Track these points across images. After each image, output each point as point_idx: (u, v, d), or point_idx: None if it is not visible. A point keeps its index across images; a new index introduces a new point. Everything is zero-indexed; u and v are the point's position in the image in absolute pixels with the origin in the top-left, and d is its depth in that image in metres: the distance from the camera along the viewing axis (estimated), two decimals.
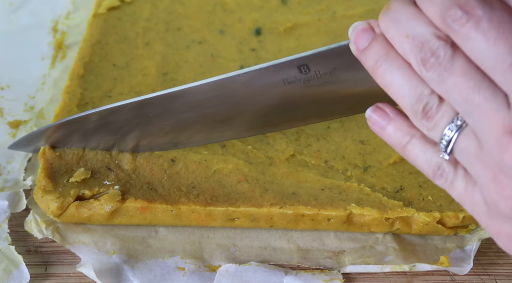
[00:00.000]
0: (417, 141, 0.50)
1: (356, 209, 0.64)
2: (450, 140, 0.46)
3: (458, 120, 0.46)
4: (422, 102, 0.47)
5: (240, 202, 0.65)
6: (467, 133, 0.46)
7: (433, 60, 0.45)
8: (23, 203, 0.68)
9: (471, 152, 0.45)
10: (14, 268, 0.63)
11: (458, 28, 0.43)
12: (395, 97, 0.48)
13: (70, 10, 0.91)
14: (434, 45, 0.45)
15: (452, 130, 0.46)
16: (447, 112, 0.46)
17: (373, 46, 0.49)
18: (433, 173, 0.49)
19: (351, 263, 0.64)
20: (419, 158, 0.49)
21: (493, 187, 0.44)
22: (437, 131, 0.47)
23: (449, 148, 0.47)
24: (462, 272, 0.63)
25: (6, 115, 0.77)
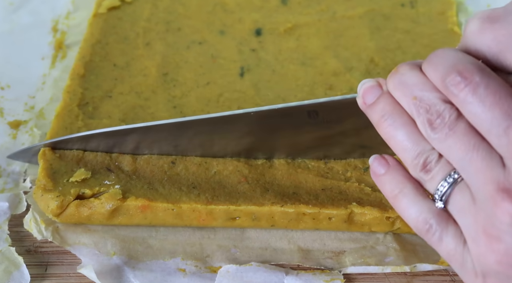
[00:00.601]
0: (408, 192, 0.51)
1: (357, 208, 0.64)
2: (445, 192, 0.49)
3: (454, 174, 0.48)
4: (423, 156, 0.49)
5: (241, 201, 0.65)
6: (461, 187, 0.48)
7: (439, 121, 0.48)
8: (23, 205, 0.68)
9: (464, 205, 0.48)
10: (14, 269, 0.63)
11: (457, 93, 0.46)
12: (397, 149, 0.51)
13: (70, 10, 0.91)
14: (440, 108, 0.48)
15: (448, 183, 0.48)
16: (444, 167, 0.49)
17: (380, 102, 0.52)
18: (421, 227, 0.50)
19: (352, 264, 0.64)
20: (408, 209, 0.51)
21: (482, 240, 0.46)
22: (434, 183, 0.49)
23: (443, 199, 0.49)
24: None
25: (6, 115, 0.77)
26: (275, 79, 0.78)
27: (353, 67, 0.79)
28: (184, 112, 0.74)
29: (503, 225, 0.45)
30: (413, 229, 0.51)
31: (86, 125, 0.71)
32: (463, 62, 0.47)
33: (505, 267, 0.45)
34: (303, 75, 0.78)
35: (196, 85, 0.77)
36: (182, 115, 0.73)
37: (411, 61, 0.51)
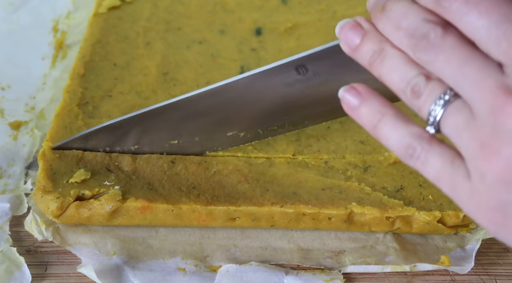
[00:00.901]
0: (388, 119, 0.50)
1: (357, 208, 0.64)
2: (436, 115, 0.47)
3: (446, 95, 0.47)
4: (410, 82, 0.48)
5: (241, 201, 0.65)
6: (456, 106, 0.46)
7: (424, 42, 0.47)
8: (24, 206, 0.68)
9: (459, 124, 0.46)
10: (15, 269, 0.63)
11: (449, 5, 0.45)
12: (391, 85, 0.49)
13: (70, 10, 0.91)
14: (424, 29, 0.47)
15: (439, 105, 0.47)
16: (434, 89, 0.47)
17: (366, 42, 0.51)
18: (404, 152, 0.49)
19: (351, 263, 0.64)
20: (390, 136, 0.49)
21: (481, 156, 0.44)
22: (426, 108, 0.47)
23: (435, 122, 0.47)
24: (463, 271, 0.63)
25: (7, 116, 0.77)
26: None
27: None
28: None
29: (506, 134, 0.43)
30: (397, 156, 0.49)
31: (86, 125, 0.71)
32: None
33: (506, 183, 0.44)
34: None
35: (196, 85, 0.77)
36: None
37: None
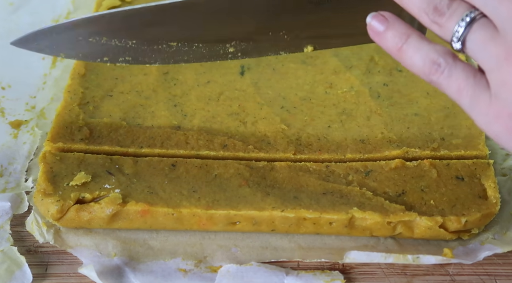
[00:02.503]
0: (413, 40, 0.54)
1: (358, 213, 0.64)
2: (463, 30, 0.51)
3: (471, 13, 0.51)
4: (434, 1, 0.52)
5: (241, 206, 0.65)
6: (480, 24, 0.51)
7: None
8: (25, 205, 0.68)
9: (485, 38, 0.50)
10: (16, 268, 0.63)
11: None
12: (411, 7, 0.53)
13: (70, 10, 0.91)
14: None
15: (465, 21, 0.51)
16: (459, 8, 0.51)
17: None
18: (429, 68, 0.53)
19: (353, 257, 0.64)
20: (414, 56, 0.53)
21: (504, 65, 0.49)
22: (450, 25, 0.52)
23: (461, 38, 0.51)
24: (468, 262, 0.64)
25: (7, 115, 0.77)
26: (276, 77, 0.78)
27: (353, 66, 0.79)
28: (184, 110, 0.74)
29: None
30: (421, 75, 0.53)
31: (87, 124, 0.71)
32: None
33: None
34: (303, 73, 0.78)
35: (197, 84, 0.77)
36: (182, 114, 0.73)
37: None
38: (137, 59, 0.68)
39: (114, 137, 0.71)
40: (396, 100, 0.75)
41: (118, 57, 0.67)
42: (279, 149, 0.70)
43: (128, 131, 0.71)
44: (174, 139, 0.71)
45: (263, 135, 0.72)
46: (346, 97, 0.75)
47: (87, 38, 0.66)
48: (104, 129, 0.71)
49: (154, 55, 0.67)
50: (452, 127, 0.72)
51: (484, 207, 0.65)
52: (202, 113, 0.74)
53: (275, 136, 0.72)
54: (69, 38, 0.66)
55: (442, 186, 0.67)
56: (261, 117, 0.73)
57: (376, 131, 0.72)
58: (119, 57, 0.67)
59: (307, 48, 0.66)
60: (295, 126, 0.73)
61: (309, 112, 0.74)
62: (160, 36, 0.66)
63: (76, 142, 0.70)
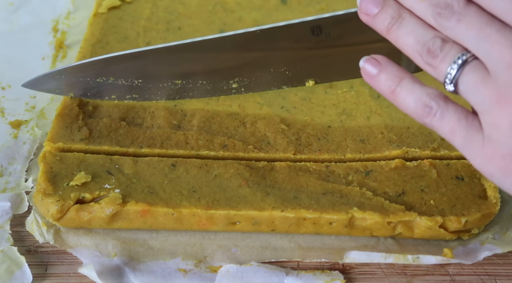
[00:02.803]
0: (405, 83, 0.55)
1: (358, 212, 0.64)
2: (455, 72, 0.52)
3: (463, 56, 0.52)
4: (427, 44, 0.53)
5: (241, 206, 0.65)
6: (473, 66, 0.52)
7: (448, 11, 0.52)
8: (25, 205, 0.68)
9: (476, 81, 0.51)
10: (16, 268, 0.63)
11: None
12: (406, 49, 0.55)
13: (70, 10, 0.91)
14: (447, 0, 0.52)
15: (457, 64, 0.52)
16: (452, 50, 0.53)
17: (385, 9, 0.56)
18: (421, 111, 0.54)
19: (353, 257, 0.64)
20: (407, 99, 0.55)
21: (496, 108, 0.50)
22: (443, 67, 0.53)
23: (454, 79, 0.52)
24: (468, 262, 0.64)
25: (7, 115, 0.77)
26: None
27: None
28: (184, 110, 0.74)
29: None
30: (414, 117, 0.54)
31: (86, 124, 0.71)
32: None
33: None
34: None
35: None
36: (182, 114, 0.73)
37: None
38: (144, 96, 0.73)
39: (114, 137, 0.71)
40: None
41: (125, 95, 0.73)
42: (279, 149, 0.70)
43: (128, 131, 0.71)
44: (174, 139, 0.71)
45: (263, 135, 0.72)
46: (346, 97, 0.75)
47: (95, 79, 0.71)
48: (104, 129, 0.71)
49: (159, 92, 0.73)
50: None
51: (484, 207, 0.65)
52: (202, 113, 0.74)
53: (275, 136, 0.72)
54: (77, 79, 0.71)
55: (442, 186, 0.67)
56: (261, 117, 0.73)
57: (376, 131, 0.72)
58: (126, 95, 0.73)
59: (308, 82, 0.70)
60: (295, 126, 0.73)
61: (309, 112, 0.74)
62: (165, 75, 0.71)
63: (76, 142, 0.70)
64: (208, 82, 0.72)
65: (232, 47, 0.67)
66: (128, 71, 0.71)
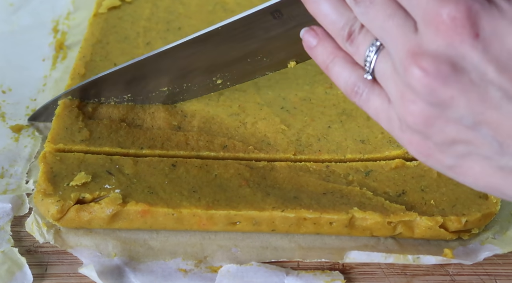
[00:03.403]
0: (339, 61, 0.56)
1: (358, 212, 0.64)
2: (371, 61, 0.53)
3: (377, 42, 0.52)
4: (347, 26, 0.54)
5: (241, 206, 0.64)
6: (384, 55, 0.52)
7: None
8: (26, 206, 0.68)
9: (386, 71, 0.52)
10: (17, 269, 0.63)
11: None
12: (325, 24, 0.56)
13: (70, 10, 0.91)
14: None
15: (371, 51, 0.52)
16: (367, 36, 0.53)
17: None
18: (350, 90, 0.55)
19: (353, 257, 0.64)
20: (339, 76, 0.56)
21: (401, 103, 0.50)
22: (361, 52, 0.53)
23: (371, 68, 0.53)
24: (468, 263, 0.64)
25: (8, 119, 0.77)
26: (275, 78, 0.78)
27: None
28: (184, 111, 0.74)
29: (414, 89, 0.48)
30: (344, 93, 0.56)
31: (86, 126, 0.71)
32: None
33: (420, 126, 0.49)
34: (303, 74, 0.78)
35: None
36: (182, 115, 0.74)
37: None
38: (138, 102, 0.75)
39: (114, 138, 0.71)
40: None
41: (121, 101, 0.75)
42: (279, 150, 0.71)
43: (128, 132, 0.71)
44: (174, 140, 0.71)
45: (263, 135, 0.72)
46: (346, 97, 0.75)
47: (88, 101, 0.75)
48: (104, 130, 0.71)
49: (151, 101, 0.74)
50: None
51: (485, 207, 0.65)
52: (202, 114, 0.74)
53: (275, 136, 0.72)
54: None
55: (443, 186, 0.67)
56: (261, 118, 0.73)
57: (376, 131, 0.72)
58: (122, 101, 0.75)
59: (290, 63, 0.69)
60: (295, 126, 0.73)
61: (309, 113, 0.74)
62: (150, 86, 0.73)
63: (76, 143, 0.70)
64: (193, 83, 0.73)
65: (202, 47, 0.68)
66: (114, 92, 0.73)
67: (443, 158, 0.51)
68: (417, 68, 0.47)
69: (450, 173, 0.52)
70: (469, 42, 0.46)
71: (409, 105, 0.49)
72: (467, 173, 0.51)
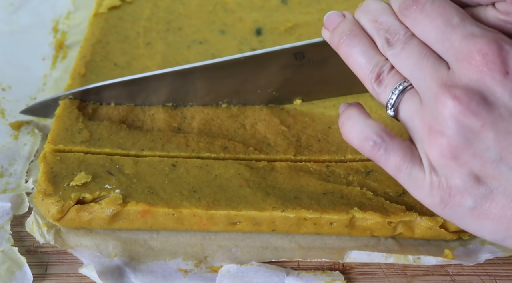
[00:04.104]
0: (352, 114, 0.56)
1: (358, 213, 0.64)
2: (395, 100, 0.54)
3: (404, 83, 0.54)
4: (377, 67, 0.55)
5: (242, 206, 0.64)
6: (411, 94, 0.53)
7: (396, 38, 0.55)
8: (25, 205, 0.68)
9: (412, 110, 0.53)
10: (17, 268, 0.63)
11: (409, 14, 0.54)
12: (354, 67, 0.57)
13: (70, 10, 0.91)
14: (396, 28, 0.55)
15: (398, 90, 0.54)
16: (395, 77, 0.54)
17: (340, 25, 0.59)
18: (366, 144, 0.54)
19: (353, 257, 0.64)
20: (352, 130, 0.56)
21: (428, 137, 0.51)
22: (386, 93, 0.55)
23: (394, 107, 0.54)
24: (469, 263, 0.64)
25: (7, 116, 0.77)
26: None
27: None
28: (184, 113, 0.74)
29: (444, 119, 0.50)
30: (359, 149, 0.55)
31: (86, 127, 0.71)
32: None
33: (448, 159, 0.50)
34: None
35: None
36: (182, 116, 0.74)
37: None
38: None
39: (115, 140, 0.70)
40: None
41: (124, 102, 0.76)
42: (279, 151, 0.71)
43: (128, 133, 0.71)
44: (174, 141, 0.71)
45: (263, 136, 0.72)
46: (346, 98, 0.75)
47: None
48: (105, 132, 0.71)
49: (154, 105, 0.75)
50: None
51: None
52: (202, 115, 0.74)
53: (275, 137, 0.72)
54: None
55: None
56: (261, 119, 0.73)
57: None
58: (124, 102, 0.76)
59: (296, 101, 0.73)
60: (295, 127, 0.73)
61: (309, 113, 0.74)
62: (155, 100, 0.74)
63: (76, 144, 0.70)
64: (198, 104, 0.74)
65: (220, 73, 0.70)
66: (121, 97, 0.74)
67: (463, 200, 0.51)
68: (450, 97, 0.49)
69: (469, 219, 0.52)
70: (499, 79, 0.49)
71: (437, 137, 0.50)
72: (489, 215, 0.51)
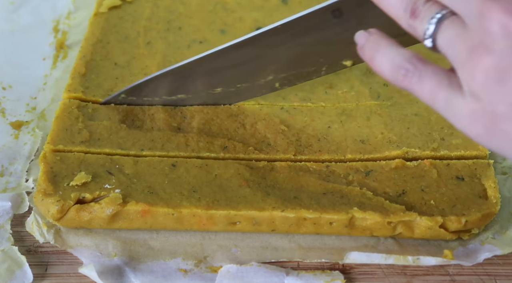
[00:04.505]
0: (382, 46, 0.54)
1: (358, 212, 0.64)
2: (433, 30, 0.51)
3: (441, 11, 0.51)
4: (410, 3, 0.53)
5: (241, 206, 0.65)
6: (450, 21, 0.51)
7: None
8: (25, 204, 0.68)
9: (453, 35, 0.50)
10: (17, 268, 0.63)
11: None
12: (389, 10, 0.54)
13: (71, 10, 0.91)
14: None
15: (436, 19, 0.51)
16: (431, 8, 0.52)
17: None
18: (398, 73, 0.53)
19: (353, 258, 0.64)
20: (383, 61, 0.54)
21: (470, 61, 0.49)
22: (423, 25, 0.52)
23: (432, 35, 0.51)
24: (468, 264, 0.64)
25: (8, 116, 0.77)
26: None
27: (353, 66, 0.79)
28: (183, 112, 0.74)
29: (491, 34, 0.47)
30: (391, 81, 0.53)
31: (86, 127, 0.71)
32: None
33: (493, 82, 0.48)
34: None
35: None
36: (182, 116, 0.74)
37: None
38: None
39: (115, 140, 0.71)
40: (396, 100, 0.75)
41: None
42: (279, 150, 0.71)
43: (128, 133, 0.71)
44: (174, 141, 0.71)
45: (263, 136, 0.72)
46: (346, 97, 0.75)
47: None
48: (104, 132, 0.71)
49: (199, 101, 0.75)
50: (452, 127, 0.72)
51: (484, 207, 0.65)
52: (201, 115, 0.74)
53: (275, 137, 0.72)
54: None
55: (442, 186, 0.67)
56: (261, 118, 0.73)
57: (376, 131, 0.72)
58: None
59: (346, 62, 0.69)
60: (295, 127, 0.73)
61: (309, 113, 0.74)
62: (203, 85, 0.74)
63: (76, 144, 0.70)
64: (247, 84, 0.73)
65: (255, 48, 0.69)
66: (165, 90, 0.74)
67: (510, 127, 0.48)
68: (497, 9, 0.47)
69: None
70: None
71: (482, 57, 0.48)
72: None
